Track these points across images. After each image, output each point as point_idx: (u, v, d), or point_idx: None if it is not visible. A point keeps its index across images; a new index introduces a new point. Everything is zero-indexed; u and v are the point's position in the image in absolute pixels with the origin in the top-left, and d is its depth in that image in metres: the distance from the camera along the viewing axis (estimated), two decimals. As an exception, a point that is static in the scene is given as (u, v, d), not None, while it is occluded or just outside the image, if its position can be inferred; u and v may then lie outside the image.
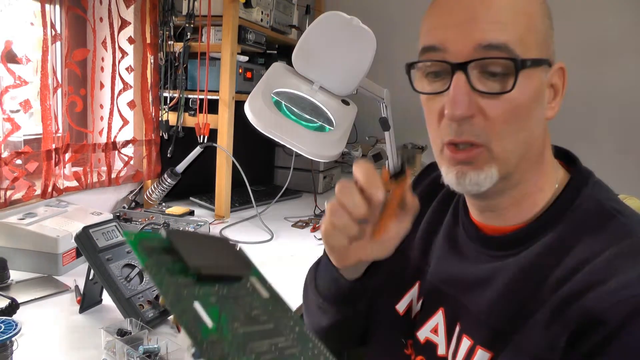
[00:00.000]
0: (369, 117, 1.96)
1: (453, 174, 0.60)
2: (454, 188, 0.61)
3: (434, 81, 0.59)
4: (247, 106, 1.34)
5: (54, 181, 1.44)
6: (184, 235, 0.43)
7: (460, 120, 0.56)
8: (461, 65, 0.55)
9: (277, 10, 2.09)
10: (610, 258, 0.53)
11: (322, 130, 1.52)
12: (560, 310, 0.53)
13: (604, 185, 0.64)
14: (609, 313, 0.49)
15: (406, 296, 0.74)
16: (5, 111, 1.27)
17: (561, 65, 0.61)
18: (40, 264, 1.23)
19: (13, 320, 0.79)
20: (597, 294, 0.51)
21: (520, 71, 0.54)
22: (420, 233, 0.76)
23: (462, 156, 0.58)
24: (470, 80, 0.55)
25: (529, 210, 0.62)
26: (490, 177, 0.58)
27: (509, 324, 0.58)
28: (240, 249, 0.48)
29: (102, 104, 1.69)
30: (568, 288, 0.53)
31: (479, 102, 0.56)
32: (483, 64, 0.55)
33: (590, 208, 0.59)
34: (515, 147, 0.58)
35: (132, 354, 0.82)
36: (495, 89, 0.55)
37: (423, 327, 0.69)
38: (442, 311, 0.67)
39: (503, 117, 0.56)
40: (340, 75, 1.46)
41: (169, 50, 1.80)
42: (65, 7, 1.45)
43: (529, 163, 0.60)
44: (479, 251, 0.65)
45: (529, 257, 0.59)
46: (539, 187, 0.62)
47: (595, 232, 0.57)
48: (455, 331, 0.65)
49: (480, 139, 0.57)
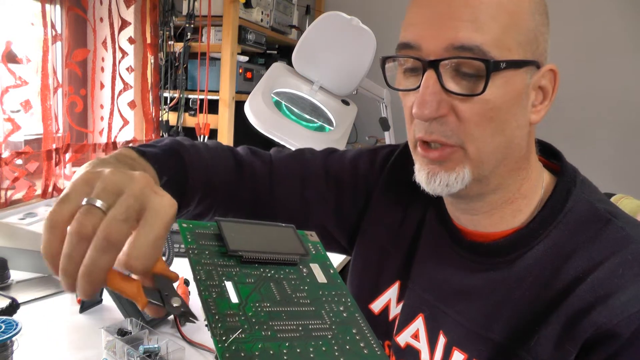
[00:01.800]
0: (369, 117, 1.97)
1: (424, 174, 0.58)
2: (423, 188, 0.58)
3: (410, 76, 0.57)
4: (247, 106, 1.34)
5: (54, 181, 1.45)
6: (237, 224, 0.47)
7: (427, 120, 0.54)
8: (432, 63, 0.52)
9: (277, 10, 2.09)
10: (613, 268, 0.52)
11: (322, 130, 1.52)
12: (569, 327, 0.52)
13: (590, 184, 0.62)
14: (620, 327, 0.49)
15: (383, 296, 0.71)
16: (6, 111, 1.28)
17: (552, 67, 0.57)
18: (40, 264, 1.23)
19: (13, 320, 0.79)
20: (607, 309, 0.50)
21: (494, 73, 0.51)
22: (403, 228, 0.71)
23: (434, 155, 0.56)
24: (442, 79, 0.53)
25: (513, 216, 0.60)
26: (461, 178, 0.55)
27: (512, 339, 0.55)
28: (312, 235, 0.51)
29: (103, 104, 1.69)
30: (574, 301, 0.52)
31: (451, 101, 0.53)
32: (456, 63, 0.52)
33: (582, 211, 0.57)
34: (491, 151, 0.55)
35: (132, 354, 0.83)
36: (468, 89, 0.53)
37: (403, 331, 0.66)
38: (422, 317, 0.65)
39: (476, 119, 0.53)
40: (340, 75, 1.47)
41: (169, 50, 1.80)
42: (65, 7, 1.45)
43: (509, 169, 0.57)
44: (466, 257, 0.62)
45: (525, 266, 0.57)
46: (522, 193, 0.59)
47: (592, 238, 0.55)
48: (438, 340, 0.62)
49: (452, 140, 0.54)
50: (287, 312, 0.41)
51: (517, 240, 0.59)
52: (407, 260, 0.69)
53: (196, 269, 0.41)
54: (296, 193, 0.74)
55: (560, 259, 0.55)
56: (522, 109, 0.55)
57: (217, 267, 0.42)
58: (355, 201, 0.75)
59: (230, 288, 0.41)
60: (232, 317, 0.39)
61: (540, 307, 0.55)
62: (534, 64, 0.54)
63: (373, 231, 0.73)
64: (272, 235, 0.48)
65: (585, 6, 2.31)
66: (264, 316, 0.40)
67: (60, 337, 0.97)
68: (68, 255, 0.37)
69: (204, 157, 0.67)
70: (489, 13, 0.51)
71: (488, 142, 0.54)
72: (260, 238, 0.47)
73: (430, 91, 0.53)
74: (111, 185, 0.39)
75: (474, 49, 0.51)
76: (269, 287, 0.43)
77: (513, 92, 0.53)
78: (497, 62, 0.51)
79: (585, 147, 2.31)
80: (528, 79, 0.54)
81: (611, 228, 0.55)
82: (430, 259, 0.66)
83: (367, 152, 0.78)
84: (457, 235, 0.64)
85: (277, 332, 0.39)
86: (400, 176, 0.61)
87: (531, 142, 0.59)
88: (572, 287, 0.53)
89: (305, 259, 0.48)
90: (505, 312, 0.57)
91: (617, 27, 2.29)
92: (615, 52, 2.31)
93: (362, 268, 0.74)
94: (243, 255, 0.44)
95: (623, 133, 2.34)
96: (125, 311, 0.97)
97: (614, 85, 2.32)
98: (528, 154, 0.59)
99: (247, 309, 0.40)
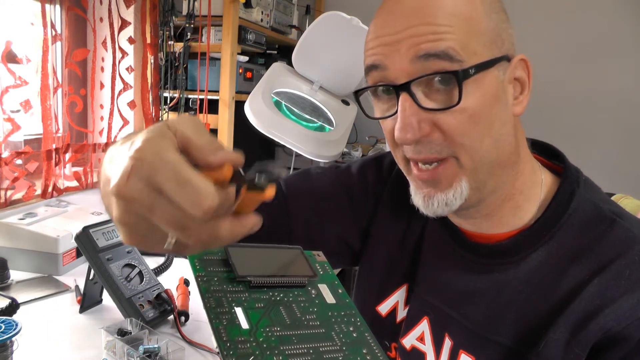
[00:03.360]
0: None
1: (420, 198, 0.57)
2: (422, 211, 0.58)
3: (385, 100, 0.57)
4: (247, 106, 1.34)
5: (54, 181, 1.45)
6: (244, 249, 0.47)
7: (412, 143, 0.54)
8: (403, 86, 0.52)
9: (277, 10, 2.09)
10: (620, 269, 0.52)
11: (322, 130, 1.52)
12: (577, 330, 0.51)
13: (594, 184, 0.61)
14: (629, 330, 0.49)
15: (390, 298, 0.71)
16: (6, 111, 1.28)
17: (522, 57, 0.56)
18: (40, 264, 1.23)
19: (13, 320, 0.79)
20: (615, 312, 0.50)
21: (465, 81, 0.51)
22: (409, 232, 0.71)
23: (426, 175, 0.55)
24: (417, 99, 0.52)
25: (513, 214, 0.59)
26: (459, 193, 0.55)
27: (520, 342, 0.55)
28: (319, 255, 0.52)
29: (102, 104, 1.69)
30: (581, 304, 0.52)
31: (432, 118, 0.53)
32: (426, 80, 0.52)
33: (586, 212, 0.57)
34: (483, 155, 0.54)
35: (132, 354, 0.83)
36: (444, 102, 0.52)
37: (409, 334, 0.66)
38: (427, 320, 0.65)
39: (461, 129, 0.53)
40: (340, 75, 1.47)
41: (169, 50, 1.80)
42: (65, 7, 1.45)
43: (502, 167, 0.57)
44: (469, 259, 0.62)
45: (530, 267, 0.57)
46: (518, 188, 0.59)
47: (597, 239, 0.55)
48: (444, 342, 0.62)
49: (443, 154, 0.54)
50: (297, 336, 0.42)
51: (520, 241, 0.58)
52: (413, 264, 0.69)
53: (205, 296, 0.42)
54: (311, 207, 0.75)
55: (565, 261, 0.55)
56: (503, 105, 0.55)
57: (227, 293, 0.43)
58: (366, 207, 0.75)
59: (240, 314, 0.41)
60: (243, 343, 0.39)
61: (547, 310, 0.54)
62: (503, 59, 0.54)
63: (381, 235, 0.73)
64: (280, 259, 0.49)
65: (586, 6, 2.31)
66: (274, 341, 0.40)
67: (60, 337, 0.96)
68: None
69: None
70: (446, 24, 0.51)
71: (478, 147, 0.54)
72: (268, 262, 0.48)
73: (408, 113, 0.52)
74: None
75: (439, 54, 0.51)
76: (279, 311, 0.43)
77: (490, 92, 0.53)
78: (466, 70, 0.51)
79: (585, 147, 2.30)
80: (501, 75, 0.54)
81: (616, 229, 0.55)
82: (434, 262, 0.66)
83: (372, 162, 0.78)
84: (460, 237, 0.64)
85: (289, 357, 0.40)
86: (405, 183, 0.62)
87: (519, 136, 0.59)
88: (579, 289, 0.53)
89: (313, 280, 0.48)
90: (511, 315, 0.57)
91: (618, 27, 2.29)
92: (616, 52, 2.31)
93: (369, 270, 0.74)
94: (252, 280, 0.44)
95: (623, 133, 2.34)
96: (125, 311, 0.97)
97: (614, 86, 2.32)
98: (517, 147, 0.59)
99: (258, 334, 0.40)
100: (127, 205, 0.34)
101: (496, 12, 0.55)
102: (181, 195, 0.32)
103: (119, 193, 0.33)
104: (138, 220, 0.34)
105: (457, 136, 0.53)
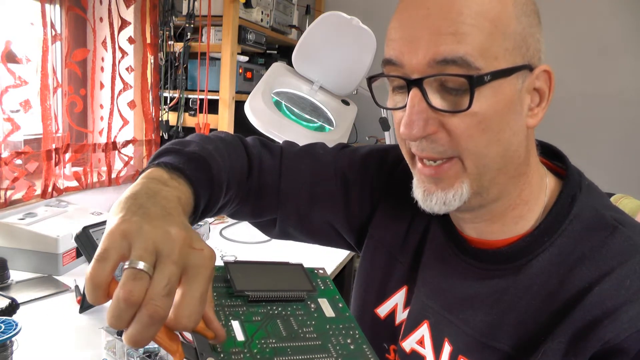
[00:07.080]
0: (369, 117, 1.96)
1: (420, 192, 0.57)
2: (420, 205, 0.57)
3: (398, 94, 0.56)
4: (247, 106, 1.34)
5: (54, 181, 1.45)
6: (244, 265, 0.49)
7: (416, 139, 0.53)
8: (415, 81, 0.51)
9: (277, 10, 2.09)
10: (620, 279, 0.51)
11: (322, 130, 1.52)
12: (576, 340, 0.51)
13: (597, 188, 0.61)
14: (628, 342, 0.48)
15: (389, 301, 0.70)
16: (5, 111, 1.28)
17: (546, 68, 0.54)
18: (40, 264, 1.23)
19: (13, 320, 0.79)
20: (614, 323, 0.49)
21: (479, 87, 0.49)
22: (410, 235, 0.70)
23: (430, 171, 0.55)
24: (427, 96, 0.51)
25: (515, 223, 0.58)
26: (459, 195, 0.54)
27: (519, 349, 0.54)
28: (321, 270, 0.53)
29: (102, 104, 1.69)
30: (580, 314, 0.51)
31: (440, 118, 0.52)
32: (440, 79, 0.51)
33: (588, 218, 0.56)
34: (488, 162, 0.53)
35: (132, 354, 0.82)
36: (455, 104, 0.51)
37: (408, 337, 0.66)
38: (427, 324, 0.64)
39: (467, 133, 0.51)
40: (340, 75, 1.47)
41: (169, 50, 1.80)
42: (65, 7, 1.45)
43: (508, 176, 0.56)
44: (470, 264, 0.61)
45: (531, 274, 0.56)
46: (523, 199, 0.58)
47: (598, 247, 0.54)
48: (443, 347, 0.62)
49: (446, 155, 0.53)
50: (292, 347, 0.42)
51: (521, 248, 0.58)
52: (413, 267, 0.68)
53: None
54: (304, 188, 0.73)
55: (566, 268, 0.54)
56: (517, 114, 0.53)
57: (225, 307, 0.44)
58: (363, 201, 0.74)
59: (237, 327, 0.42)
60: (237, 354, 0.40)
61: (546, 318, 0.54)
62: (525, 68, 0.52)
63: (380, 235, 0.72)
64: (280, 274, 0.50)
65: (586, 6, 2.31)
66: (269, 352, 0.41)
67: (60, 337, 0.96)
68: (117, 317, 0.39)
69: (226, 162, 0.66)
70: (470, 23, 0.49)
71: (484, 154, 0.53)
72: (267, 277, 0.48)
73: (416, 110, 0.51)
74: (151, 246, 0.40)
75: (457, 60, 0.49)
76: (276, 324, 0.44)
77: (504, 101, 0.51)
78: (481, 76, 0.49)
79: (585, 147, 2.30)
80: (520, 84, 0.52)
81: (618, 236, 0.54)
82: (435, 266, 0.65)
83: (378, 153, 0.76)
84: (461, 242, 0.63)
85: None
86: (407, 182, 0.61)
87: (530, 146, 0.58)
88: (579, 298, 0.52)
89: (312, 294, 0.48)
90: (511, 321, 0.56)
91: (618, 27, 2.29)
92: (616, 52, 2.31)
93: (369, 272, 0.73)
94: (250, 294, 0.45)
95: (623, 133, 2.34)
96: (125, 311, 0.97)
97: (614, 86, 2.32)
98: (527, 159, 0.57)
99: (253, 345, 0.41)
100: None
101: (527, 15, 0.52)
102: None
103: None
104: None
105: (462, 140, 0.52)
